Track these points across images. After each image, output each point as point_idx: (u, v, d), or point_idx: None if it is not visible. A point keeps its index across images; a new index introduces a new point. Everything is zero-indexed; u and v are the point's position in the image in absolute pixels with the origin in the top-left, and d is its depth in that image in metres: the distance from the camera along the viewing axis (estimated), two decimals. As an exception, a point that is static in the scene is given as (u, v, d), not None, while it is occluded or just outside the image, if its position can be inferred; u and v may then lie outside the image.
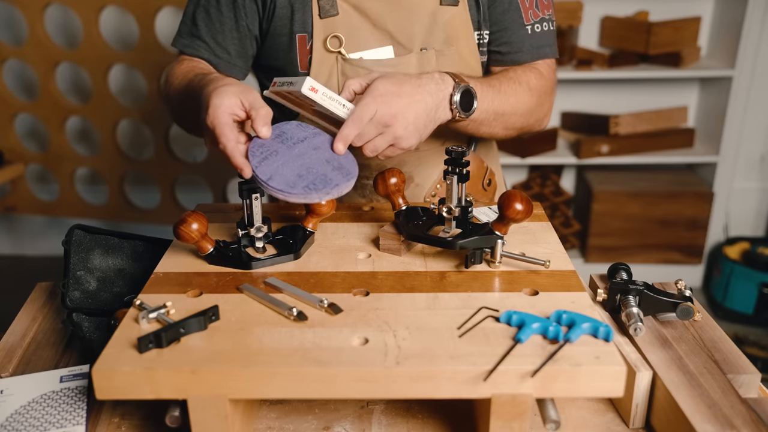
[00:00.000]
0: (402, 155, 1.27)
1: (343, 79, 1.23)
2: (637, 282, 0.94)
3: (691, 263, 2.98)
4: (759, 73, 2.88)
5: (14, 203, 3.07)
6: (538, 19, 1.28)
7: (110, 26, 2.84)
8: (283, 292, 0.91)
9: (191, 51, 1.25)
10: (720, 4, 2.85)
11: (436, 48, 1.23)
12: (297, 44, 1.22)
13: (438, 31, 1.23)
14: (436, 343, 0.78)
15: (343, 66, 1.22)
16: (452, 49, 1.24)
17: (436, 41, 1.23)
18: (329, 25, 1.20)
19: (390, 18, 1.21)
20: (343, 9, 1.20)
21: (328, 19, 1.20)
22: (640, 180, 2.95)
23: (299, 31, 1.21)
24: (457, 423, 0.87)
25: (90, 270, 1.05)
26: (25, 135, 3.10)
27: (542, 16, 1.29)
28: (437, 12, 1.21)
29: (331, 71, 1.23)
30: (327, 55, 1.22)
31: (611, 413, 0.88)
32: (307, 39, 1.22)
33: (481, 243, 0.96)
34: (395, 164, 1.30)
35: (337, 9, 1.20)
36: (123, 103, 2.85)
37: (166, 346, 0.78)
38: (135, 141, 3.11)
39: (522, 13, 1.26)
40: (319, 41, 1.21)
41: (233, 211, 1.20)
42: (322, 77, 1.23)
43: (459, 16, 1.22)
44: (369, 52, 1.23)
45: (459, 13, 1.22)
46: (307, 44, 1.22)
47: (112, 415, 0.88)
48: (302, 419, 0.87)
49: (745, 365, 0.85)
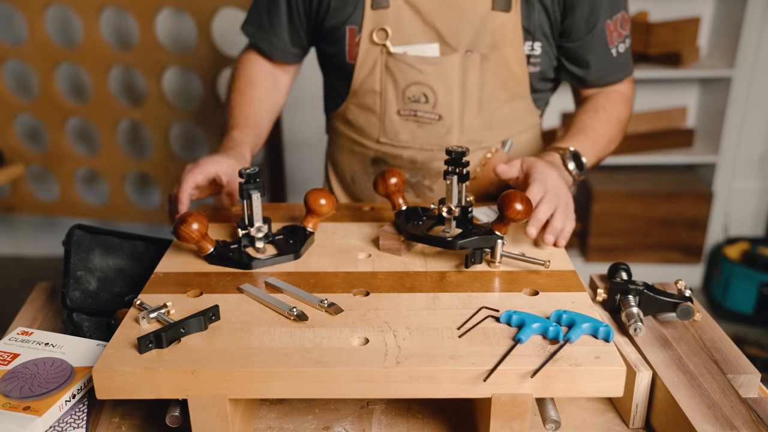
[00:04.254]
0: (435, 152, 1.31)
1: (386, 72, 1.26)
2: (637, 282, 0.94)
3: (691, 263, 2.98)
4: (759, 73, 2.88)
5: (14, 203, 3.07)
6: (622, 38, 1.29)
7: (110, 26, 2.84)
8: (283, 292, 0.91)
9: (256, 41, 1.36)
10: (720, 4, 2.85)
11: (482, 52, 1.23)
12: (348, 36, 1.26)
13: (486, 35, 1.22)
14: (436, 343, 0.78)
15: (387, 59, 1.25)
16: (497, 54, 1.23)
17: (483, 45, 1.23)
18: (379, 17, 1.23)
19: (440, 16, 1.22)
20: (395, 3, 1.23)
21: (378, 11, 1.23)
22: (640, 180, 2.95)
23: (350, 23, 1.25)
24: (457, 423, 0.87)
25: (90, 270, 1.05)
26: (25, 135, 3.09)
27: (625, 35, 1.29)
28: (488, 16, 1.21)
29: (375, 64, 1.26)
30: (372, 47, 1.25)
31: (611, 413, 0.88)
32: (357, 32, 1.25)
33: (481, 243, 0.96)
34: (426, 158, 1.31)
35: (388, 2, 1.22)
36: (123, 103, 2.84)
37: (166, 346, 0.78)
38: (135, 141, 3.11)
39: (607, 35, 1.26)
40: (367, 32, 1.24)
41: (233, 211, 1.20)
42: (366, 69, 1.27)
43: (509, 22, 1.22)
44: (414, 47, 1.24)
45: (510, 20, 1.21)
46: (357, 36, 1.25)
47: (112, 415, 0.88)
48: (302, 419, 0.87)
49: (745, 365, 0.85)
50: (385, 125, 1.30)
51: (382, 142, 1.32)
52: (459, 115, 1.27)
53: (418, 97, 1.26)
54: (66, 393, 0.84)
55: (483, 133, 1.30)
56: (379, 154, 1.34)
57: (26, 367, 0.88)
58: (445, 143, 1.29)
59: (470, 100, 1.26)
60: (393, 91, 1.27)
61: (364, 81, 1.28)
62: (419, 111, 1.27)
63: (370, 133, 1.33)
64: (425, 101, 1.26)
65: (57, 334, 0.95)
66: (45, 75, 2.76)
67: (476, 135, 1.29)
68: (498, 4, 1.20)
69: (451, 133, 1.28)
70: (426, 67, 1.24)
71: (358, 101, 1.31)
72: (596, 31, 1.24)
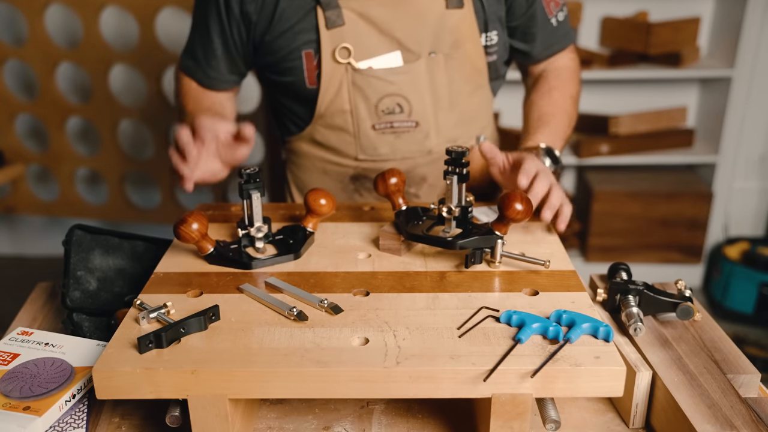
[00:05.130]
0: (417, 159, 1.30)
1: (354, 89, 1.23)
2: (637, 282, 0.94)
3: (691, 263, 2.98)
4: (759, 73, 2.88)
5: (14, 203, 3.07)
6: (559, 7, 1.32)
7: (110, 26, 2.84)
8: (283, 292, 0.91)
9: (189, 73, 1.33)
10: (720, 4, 2.85)
11: (445, 52, 1.24)
12: (304, 61, 1.22)
13: (445, 35, 1.23)
14: (436, 343, 0.78)
15: (353, 76, 1.22)
16: (460, 51, 1.24)
17: (444, 45, 1.23)
18: (336, 35, 1.20)
19: (397, 24, 1.21)
20: (350, 18, 1.20)
21: (335, 30, 1.20)
22: (640, 180, 2.95)
23: (305, 48, 1.21)
24: (457, 423, 0.87)
25: (90, 270, 1.05)
26: (25, 135, 3.10)
27: (561, 3, 1.32)
28: (444, 16, 1.21)
29: (341, 83, 1.23)
30: (336, 66, 1.22)
31: (611, 413, 0.88)
32: (314, 55, 1.22)
33: (481, 243, 0.96)
34: (409, 167, 1.31)
35: (343, 19, 1.19)
36: (123, 103, 2.84)
37: (166, 346, 0.78)
38: (135, 141, 3.10)
39: (545, 6, 1.29)
40: (328, 53, 1.21)
41: (233, 211, 1.20)
42: (332, 91, 1.24)
43: (465, 18, 1.22)
44: (377, 59, 1.23)
45: (465, 16, 1.22)
46: (314, 60, 1.22)
47: (112, 415, 0.88)
48: (302, 419, 0.87)
49: (745, 365, 0.85)
50: (361, 142, 1.28)
51: (360, 159, 1.30)
52: (434, 117, 1.27)
53: (392, 108, 1.25)
54: (66, 393, 0.84)
55: (457, 131, 1.31)
56: (359, 170, 1.32)
57: (26, 367, 0.88)
58: (424, 149, 1.29)
59: (441, 100, 1.27)
60: (365, 108, 1.25)
61: (332, 102, 1.25)
62: (395, 122, 1.26)
63: (346, 151, 1.30)
64: (400, 111, 1.25)
65: (57, 334, 0.95)
66: (45, 75, 2.76)
67: (451, 133, 1.31)
68: (452, 2, 1.21)
69: (429, 137, 1.28)
70: (395, 77, 1.23)
71: (326, 122, 1.29)
72: (536, 5, 1.27)
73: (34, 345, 0.93)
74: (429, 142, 1.29)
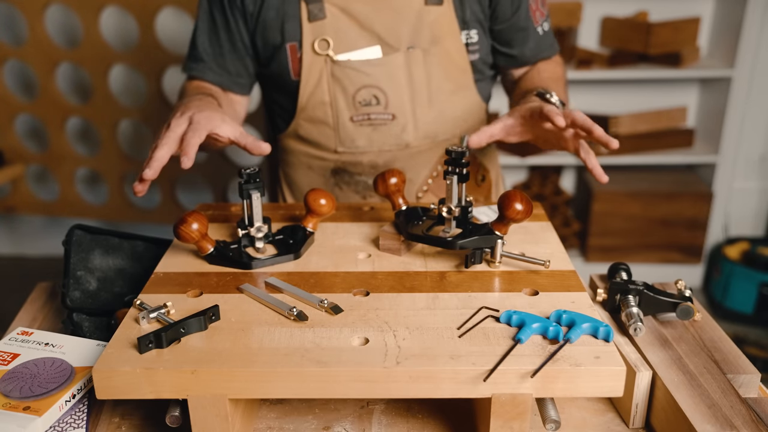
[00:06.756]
0: (394, 152, 1.31)
1: (333, 81, 1.26)
2: (636, 282, 0.94)
3: (691, 263, 2.98)
4: (759, 73, 2.88)
5: (14, 203, 3.07)
6: (544, 17, 1.35)
7: (110, 26, 2.84)
8: (283, 292, 0.91)
9: (198, 74, 1.32)
10: (720, 4, 2.85)
11: (423, 47, 1.26)
12: (288, 53, 1.26)
13: (424, 31, 1.25)
14: (436, 343, 0.78)
15: (332, 68, 1.25)
16: (438, 47, 1.27)
17: (423, 40, 1.26)
18: (318, 28, 1.24)
19: (377, 19, 1.24)
20: (331, 12, 1.24)
21: (316, 23, 1.24)
22: (640, 180, 2.95)
23: (290, 41, 1.26)
24: (457, 423, 0.87)
25: (90, 270, 1.05)
26: (25, 135, 3.10)
27: (546, 14, 1.36)
28: (422, 11, 1.25)
29: (321, 74, 1.26)
30: (316, 58, 1.25)
31: (611, 413, 0.88)
32: (297, 47, 1.26)
33: (481, 243, 0.96)
34: (387, 160, 1.32)
35: (324, 12, 1.24)
36: (123, 103, 2.85)
37: (166, 346, 0.78)
38: (135, 141, 3.11)
39: (531, 14, 1.31)
40: (308, 45, 1.25)
41: (233, 211, 1.20)
42: (312, 82, 1.27)
43: (444, 15, 1.25)
44: (357, 53, 1.26)
45: (444, 13, 1.25)
46: (298, 52, 1.26)
47: (112, 415, 0.88)
48: (302, 419, 0.87)
49: (745, 365, 0.85)
50: (340, 134, 1.30)
51: (339, 151, 1.32)
52: (411, 111, 1.29)
53: (369, 100, 1.27)
54: (66, 393, 0.84)
55: (436, 127, 1.32)
56: (338, 164, 1.34)
57: (26, 367, 0.88)
58: (401, 142, 1.31)
59: (419, 95, 1.28)
60: (343, 99, 1.27)
61: (312, 94, 1.28)
62: (372, 114, 1.28)
63: (327, 144, 1.33)
64: (377, 103, 1.27)
65: (57, 334, 0.95)
66: (45, 75, 2.76)
67: (430, 129, 1.31)
68: None
69: (406, 130, 1.30)
70: (372, 68, 1.25)
71: (308, 115, 1.31)
72: (521, 11, 1.30)
73: (34, 345, 0.93)
74: (406, 136, 1.30)
